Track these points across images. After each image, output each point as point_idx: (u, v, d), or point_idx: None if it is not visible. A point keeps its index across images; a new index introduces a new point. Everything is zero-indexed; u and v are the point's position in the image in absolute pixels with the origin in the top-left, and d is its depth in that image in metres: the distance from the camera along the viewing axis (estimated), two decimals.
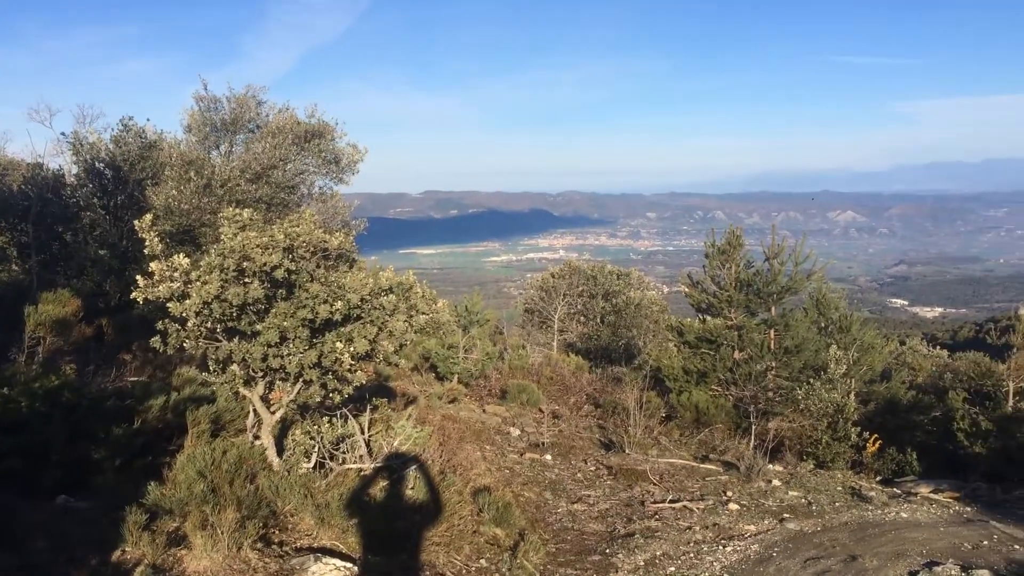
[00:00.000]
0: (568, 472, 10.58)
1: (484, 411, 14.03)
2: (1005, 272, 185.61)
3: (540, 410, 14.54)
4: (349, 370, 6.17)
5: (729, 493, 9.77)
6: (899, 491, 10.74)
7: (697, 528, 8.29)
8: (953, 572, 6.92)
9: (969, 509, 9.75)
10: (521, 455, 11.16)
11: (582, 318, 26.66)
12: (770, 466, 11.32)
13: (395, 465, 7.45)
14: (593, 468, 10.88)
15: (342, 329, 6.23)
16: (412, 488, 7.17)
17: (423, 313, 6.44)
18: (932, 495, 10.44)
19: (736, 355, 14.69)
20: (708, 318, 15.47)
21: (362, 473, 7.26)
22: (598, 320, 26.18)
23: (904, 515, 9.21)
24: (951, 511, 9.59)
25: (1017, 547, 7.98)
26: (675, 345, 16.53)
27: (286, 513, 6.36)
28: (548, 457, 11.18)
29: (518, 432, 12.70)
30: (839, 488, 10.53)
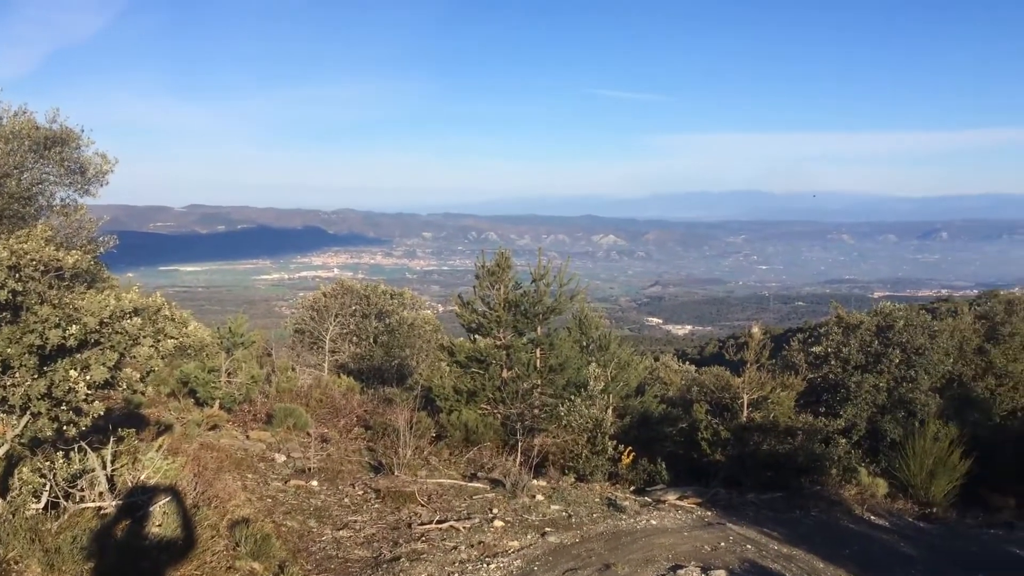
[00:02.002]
0: (335, 498, 10.32)
1: (248, 437, 13.40)
2: (743, 293, 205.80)
3: (308, 434, 14.10)
4: (85, 400, 5.64)
5: (495, 510, 9.96)
6: (650, 499, 11.47)
7: (463, 547, 8.36)
8: (694, 574, 7.48)
9: (710, 513, 10.61)
10: (286, 482, 10.75)
11: (355, 338, 26.26)
12: (535, 481, 11.67)
13: (141, 501, 6.89)
14: (361, 492, 10.69)
15: (78, 356, 5.69)
16: (160, 525, 6.66)
17: (171, 337, 6.03)
18: (679, 502, 11.25)
19: (504, 374, 15.08)
20: (478, 338, 15.77)
21: (102, 512, 6.65)
22: (371, 340, 25.90)
23: (654, 522, 9.85)
24: (694, 516, 10.38)
25: (749, 546, 8.78)
26: (447, 365, 16.69)
27: (9, 561, 5.70)
28: (314, 483, 10.85)
29: (284, 458, 12.23)
30: (597, 500, 11.06)
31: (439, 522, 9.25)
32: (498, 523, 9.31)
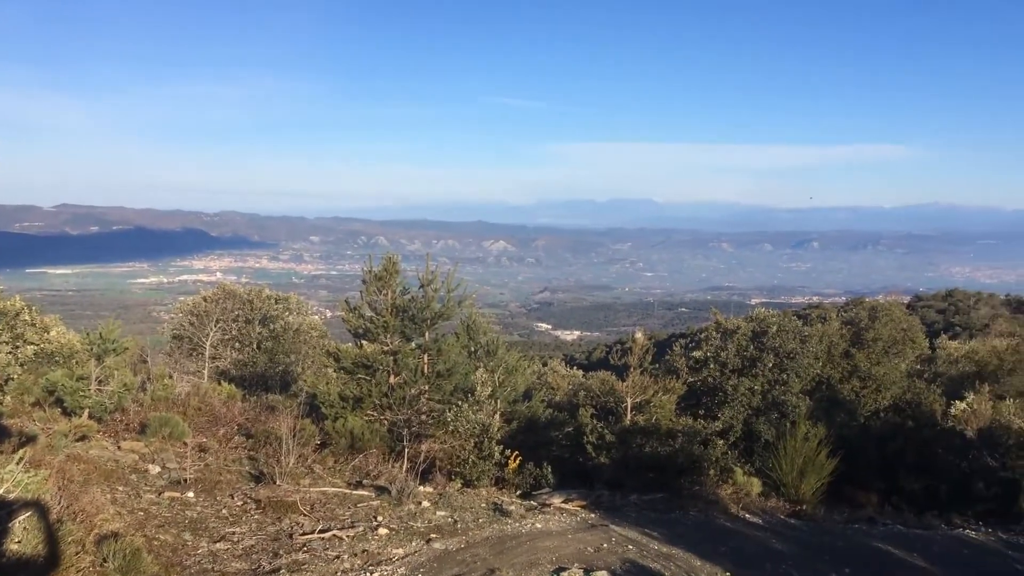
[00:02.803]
0: (212, 509, 9.97)
1: (119, 448, 12.77)
2: (629, 299, 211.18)
3: (185, 444, 13.56)
4: None
5: (380, 518, 9.85)
6: (536, 503, 11.58)
7: (345, 556, 8.23)
8: (577, 575, 7.60)
9: (593, 515, 10.80)
10: (159, 494, 10.31)
11: (237, 344, 25.46)
12: (421, 488, 11.60)
13: None
14: (240, 503, 10.37)
15: None
16: (19, 542, 6.27)
17: (32, 343, 5.69)
18: (563, 505, 11.40)
19: (391, 380, 14.93)
20: (365, 343, 15.56)
21: None
22: (254, 346, 25.19)
23: (539, 526, 9.95)
24: (578, 518, 10.54)
25: (631, 547, 8.98)
26: (333, 371, 16.39)
27: None
28: (191, 494, 10.45)
29: (158, 469, 11.72)
30: (483, 505, 11.09)
31: (322, 531, 9.08)
32: (382, 531, 9.21)
